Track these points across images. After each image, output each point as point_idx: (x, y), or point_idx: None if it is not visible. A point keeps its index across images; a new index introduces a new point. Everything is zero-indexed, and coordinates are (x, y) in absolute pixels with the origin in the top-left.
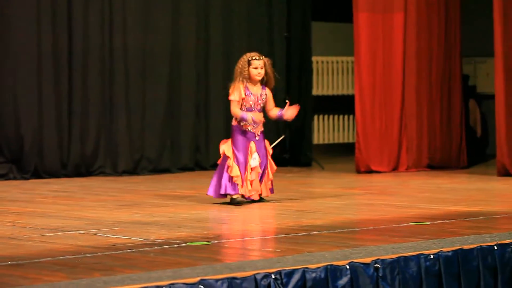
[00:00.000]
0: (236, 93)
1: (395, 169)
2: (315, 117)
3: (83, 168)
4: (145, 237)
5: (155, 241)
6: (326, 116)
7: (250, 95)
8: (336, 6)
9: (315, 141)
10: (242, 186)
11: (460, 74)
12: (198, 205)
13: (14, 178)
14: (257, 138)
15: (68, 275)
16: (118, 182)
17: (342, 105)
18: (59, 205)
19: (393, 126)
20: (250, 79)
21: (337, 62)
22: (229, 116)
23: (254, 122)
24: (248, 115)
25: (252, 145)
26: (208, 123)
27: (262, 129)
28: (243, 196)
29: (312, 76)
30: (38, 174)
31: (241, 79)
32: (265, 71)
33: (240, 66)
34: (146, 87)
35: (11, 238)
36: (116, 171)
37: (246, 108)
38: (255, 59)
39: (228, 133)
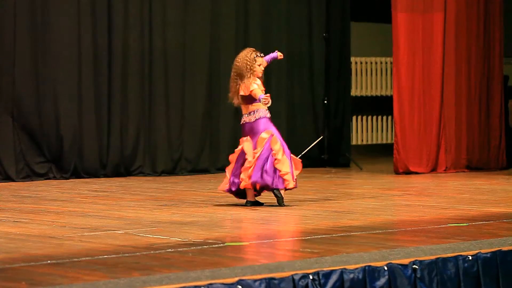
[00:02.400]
0: (256, 83)
1: (433, 170)
2: (354, 117)
3: (122, 168)
4: (184, 237)
5: (194, 241)
6: (364, 117)
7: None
8: (375, 6)
9: (354, 141)
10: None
11: (499, 75)
12: (236, 205)
13: (54, 178)
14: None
15: (107, 274)
16: (157, 182)
17: (380, 105)
18: (98, 204)
19: (431, 127)
20: (254, 74)
21: (376, 63)
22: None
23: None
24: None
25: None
26: None
27: None
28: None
29: (350, 76)
30: (77, 173)
31: (248, 75)
32: None
33: (249, 62)
34: (185, 87)
35: (51, 237)
36: (155, 171)
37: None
38: (260, 56)
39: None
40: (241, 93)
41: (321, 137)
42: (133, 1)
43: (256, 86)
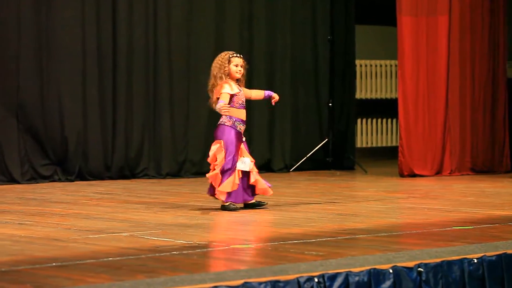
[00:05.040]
0: (227, 87)
1: (438, 173)
2: (359, 120)
3: (127, 171)
4: (189, 239)
5: (199, 243)
6: (369, 120)
7: (239, 90)
8: (379, 9)
9: (358, 144)
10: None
11: (504, 78)
12: (241, 208)
13: (59, 180)
14: (244, 139)
15: (111, 276)
16: (162, 185)
17: (385, 108)
18: (103, 207)
19: (436, 129)
20: (229, 76)
21: (381, 66)
22: (272, 116)
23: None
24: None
25: (243, 147)
26: (251, 125)
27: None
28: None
29: (355, 79)
30: (82, 176)
31: (220, 75)
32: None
33: (219, 62)
34: (190, 89)
35: (56, 240)
36: (160, 174)
37: (239, 105)
38: (236, 56)
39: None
40: (215, 96)
41: (326, 139)
42: (137, 3)
43: (227, 91)
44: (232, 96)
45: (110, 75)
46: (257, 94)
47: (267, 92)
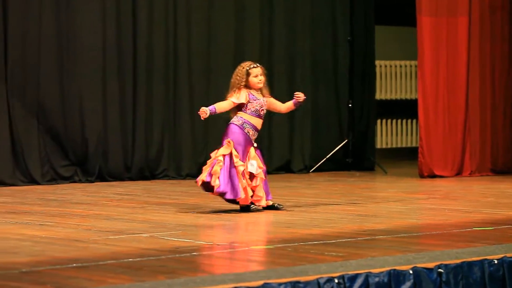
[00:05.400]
0: (236, 96)
1: (458, 173)
2: (378, 121)
3: (147, 171)
4: (209, 240)
5: (218, 244)
6: (389, 120)
7: (256, 99)
8: (399, 10)
9: (378, 145)
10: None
11: None
12: (261, 209)
13: (79, 181)
14: (255, 145)
15: (132, 277)
16: (182, 186)
17: (405, 109)
18: (123, 208)
19: (456, 130)
20: (251, 88)
21: (401, 66)
22: (292, 117)
23: (211, 114)
24: (213, 107)
25: (252, 150)
26: (270, 126)
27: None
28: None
29: (375, 80)
30: (102, 177)
31: (239, 88)
32: None
33: (238, 77)
34: (210, 90)
35: (76, 241)
36: (180, 175)
37: (250, 112)
38: (253, 67)
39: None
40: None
41: (346, 140)
42: (157, 5)
43: (232, 99)
44: (243, 103)
45: (130, 75)
46: (287, 106)
47: (294, 100)
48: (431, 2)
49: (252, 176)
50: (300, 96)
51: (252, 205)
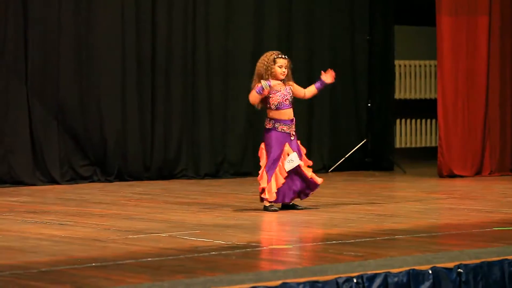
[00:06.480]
0: (267, 83)
1: (478, 173)
2: (397, 121)
3: (165, 171)
4: (227, 240)
5: (237, 244)
6: (408, 120)
7: (277, 92)
8: (419, 9)
9: (397, 145)
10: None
11: None
12: (279, 208)
13: (98, 181)
14: (292, 138)
15: (151, 277)
16: (200, 185)
17: (424, 109)
18: (142, 207)
19: (476, 130)
20: (274, 77)
21: (420, 66)
22: (310, 117)
23: (269, 86)
24: (262, 82)
25: (287, 147)
26: None
27: (294, 128)
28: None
29: (394, 79)
30: (121, 176)
31: (266, 77)
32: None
33: (265, 62)
34: (228, 90)
35: (95, 240)
36: (198, 174)
37: (274, 106)
38: (281, 57)
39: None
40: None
41: (365, 140)
42: (176, 5)
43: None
44: (266, 98)
45: (149, 76)
46: (310, 91)
47: (317, 84)
48: (451, 1)
49: (294, 173)
50: (327, 76)
51: (270, 206)
